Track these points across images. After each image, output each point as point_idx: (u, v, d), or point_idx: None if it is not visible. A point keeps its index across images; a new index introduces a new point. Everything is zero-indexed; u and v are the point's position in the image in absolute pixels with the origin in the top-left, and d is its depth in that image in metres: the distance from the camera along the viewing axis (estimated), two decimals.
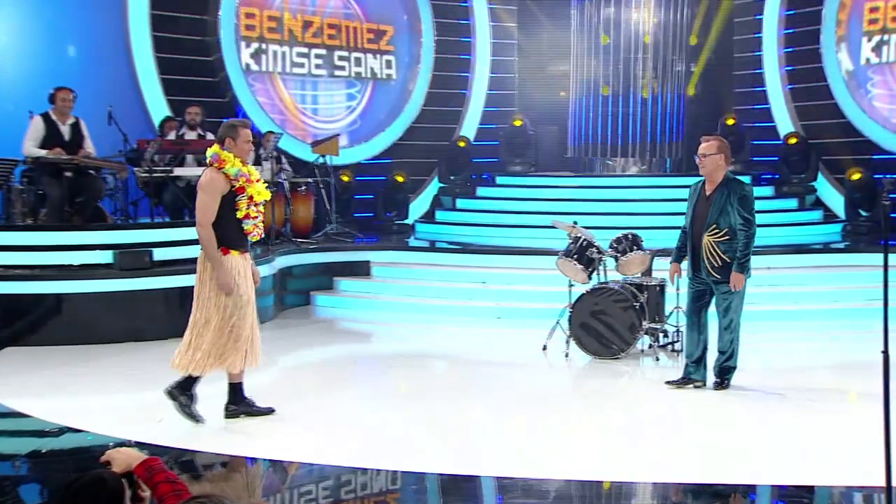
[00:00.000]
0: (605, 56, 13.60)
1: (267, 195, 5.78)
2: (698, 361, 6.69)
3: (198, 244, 8.90)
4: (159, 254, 8.78)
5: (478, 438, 5.73)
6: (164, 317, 8.66)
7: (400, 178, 13.02)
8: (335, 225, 11.59)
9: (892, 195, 4.27)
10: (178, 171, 9.80)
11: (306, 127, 13.02)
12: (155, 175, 9.47)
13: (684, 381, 6.75)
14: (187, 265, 8.85)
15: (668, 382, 6.83)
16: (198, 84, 11.67)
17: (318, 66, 13.15)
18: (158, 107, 11.25)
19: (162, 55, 11.41)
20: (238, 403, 5.93)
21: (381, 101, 13.76)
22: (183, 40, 11.68)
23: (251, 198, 5.67)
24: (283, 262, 10.16)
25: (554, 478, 5.01)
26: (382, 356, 8.44)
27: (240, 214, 5.65)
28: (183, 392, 5.79)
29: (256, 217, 5.70)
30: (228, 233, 5.63)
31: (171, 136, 10.25)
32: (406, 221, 13.04)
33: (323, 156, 11.76)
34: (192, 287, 8.58)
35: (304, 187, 11.26)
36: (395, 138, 13.81)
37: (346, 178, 12.61)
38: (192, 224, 9.33)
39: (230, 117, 11.74)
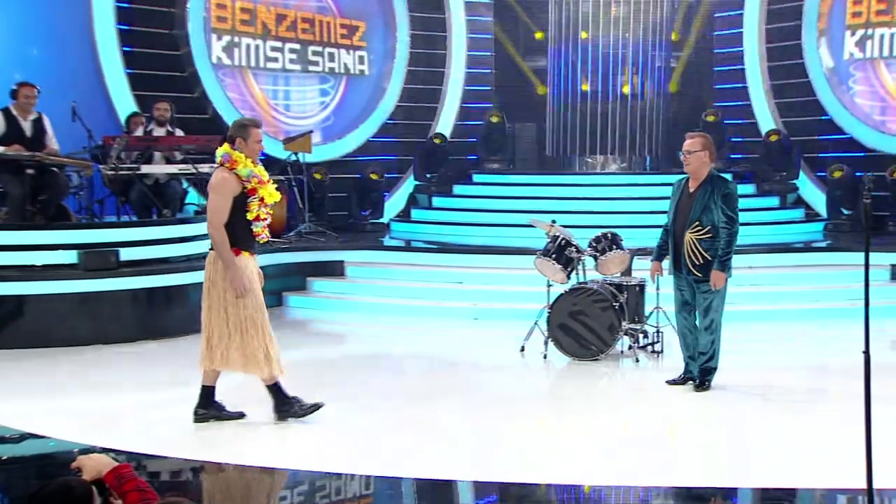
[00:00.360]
0: (584, 51, 13.65)
1: (277, 196, 5.84)
2: (696, 359, 6.74)
3: (165, 244, 9.06)
4: (126, 254, 8.72)
5: (454, 442, 5.73)
6: (131, 319, 8.62)
7: (375, 176, 13.00)
8: (308, 224, 11.54)
9: (873, 193, 4.31)
10: (145, 169, 9.74)
11: (278, 123, 12.97)
12: (121, 173, 9.41)
13: (685, 380, 6.82)
14: (155, 265, 8.84)
15: (668, 382, 6.89)
16: (166, 79, 11.59)
17: (292, 61, 13.10)
18: (125, 102, 11.16)
19: (128, 49, 11.32)
20: (208, 407, 5.92)
21: (355, 97, 13.74)
22: (150, 34, 11.59)
23: (262, 199, 5.73)
24: None
25: (533, 482, 5.02)
26: (356, 358, 8.42)
27: (250, 216, 5.71)
28: (284, 402, 5.85)
29: (266, 219, 5.77)
30: (239, 234, 5.68)
31: (139, 132, 10.17)
32: (381, 220, 13.02)
33: (295, 153, 11.72)
34: (161, 288, 8.68)
35: (275, 185, 11.16)
36: (370, 135, 13.79)
37: (319, 176, 12.57)
38: (159, 223, 9.43)
39: (199, 113, 11.81)
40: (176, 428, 5.87)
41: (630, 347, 7.87)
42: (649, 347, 8.07)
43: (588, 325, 7.67)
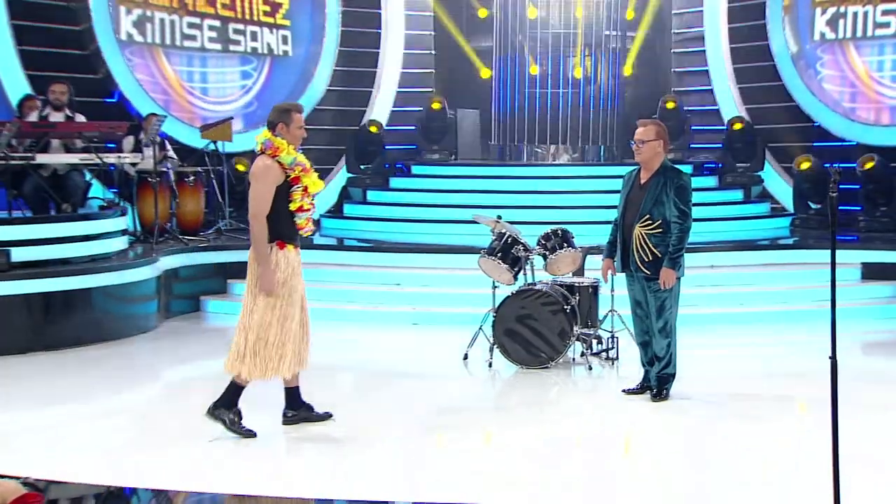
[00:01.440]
0: (532, 31, 13.72)
1: (321, 185, 6.03)
2: (653, 365, 6.81)
3: (64, 243, 8.88)
4: (18, 254, 8.54)
5: (389, 459, 5.72)
6: (26, 326, 8.43)
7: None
8: (229, 220, 11.47)
9: (841, 186, 4.40)
10: (40, 158, 9.54)
11: (194, 109, 12.82)
12: (13, 162, 9.21)
13: (643, 388, 6.90)
14: (52, 267, 8.66)
15: (624, 391, 6.96)
16: (64, 58, 11.35)
17: (211, 40, 12.94)
18: (16, 83, 10.88)
19: (19, 23, 11.03)
20: (298, 409, 6.16)
21: (281, 80, 13.64)
22: (45, 6, 11.35)
23: (306, 189, 5.89)
24: (168, 262, 10.00)
25: (474, 502, 5.02)
26: None
27: (293, 206, 5.85)
28: (230, 405, 5.92)
29: (309, 210, 5.94)
30: (283, 226, 5.85)
31: (33, 117, 9.96)
32: None
33: (214, 142, 11.63)
34: (60, 292, 8.51)
35: (192, 177, 11.14)
36: None
37: (240, 168, 12.47)
38: (58, 220, 9.24)
39: (103, 96, 11.59)
40: (77, 450, 5.76)
41: (583, 354, 7.92)
42: (603, 354, 8.14)
43: (537, 330, 7.71)
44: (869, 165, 11.92)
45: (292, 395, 6.19)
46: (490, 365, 7.84)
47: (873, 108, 12.64)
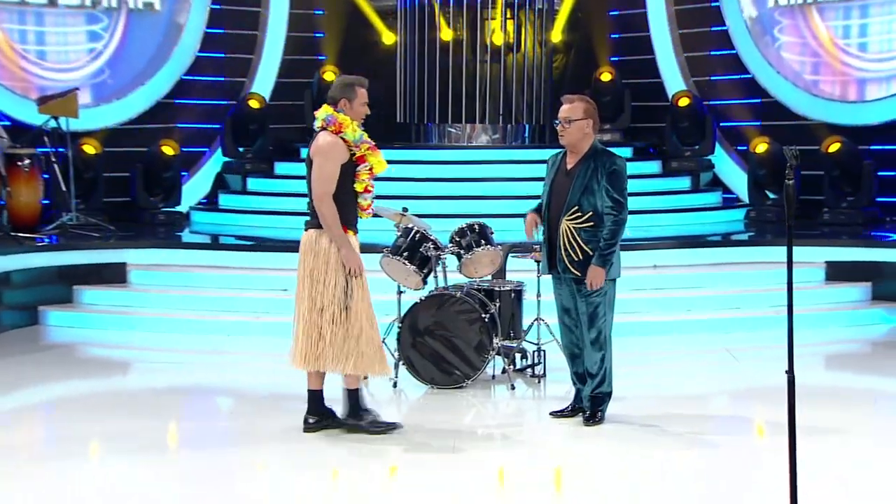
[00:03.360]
0: None
1: (385, 166, 6.59)
2: (584, 382, 6.87)
3: None
4: None
5: (272, 500, 5.68)
6: None
7: (168, 151, 12.79)
8: (75, 214, 11.34)
9: (802, 172, 4.50)
10: None
11: (29, 77, 12.60)
12: None
13: (574, 410, 6.97)
14: None
15: (552, 414, 7.03)
16: None
17: None
18: None
19: None
20: (319, 414, 6.72)
21: (140, 42, 13.43)
22: None
23: (371, 169, 6.49)
24: None
25: None
26: (144, 393, 8.25)
27: (359, 187, 6.48)
28: (359, 413, 6.69)
29: (372, 192, 6.55)
30: (345, 209, 6.43)
31: None
32: (178, 209, 12.83)
33: (55, 117, 11.49)
34: None
35: (27, 161, 10.94)
36: (161, 95, 13.54)
37: (89, 150, 12.27)
38: None
39: None
40: None
41: (504, 371, 7.98)
42: (528, 370, 8.21)
43: (450, 342, 7.74)
44: (834, 148, 12.20)
45: (316, 398, 6.73)
46: (395, 385, 7.85)
47: (839, 80, 12.93)
